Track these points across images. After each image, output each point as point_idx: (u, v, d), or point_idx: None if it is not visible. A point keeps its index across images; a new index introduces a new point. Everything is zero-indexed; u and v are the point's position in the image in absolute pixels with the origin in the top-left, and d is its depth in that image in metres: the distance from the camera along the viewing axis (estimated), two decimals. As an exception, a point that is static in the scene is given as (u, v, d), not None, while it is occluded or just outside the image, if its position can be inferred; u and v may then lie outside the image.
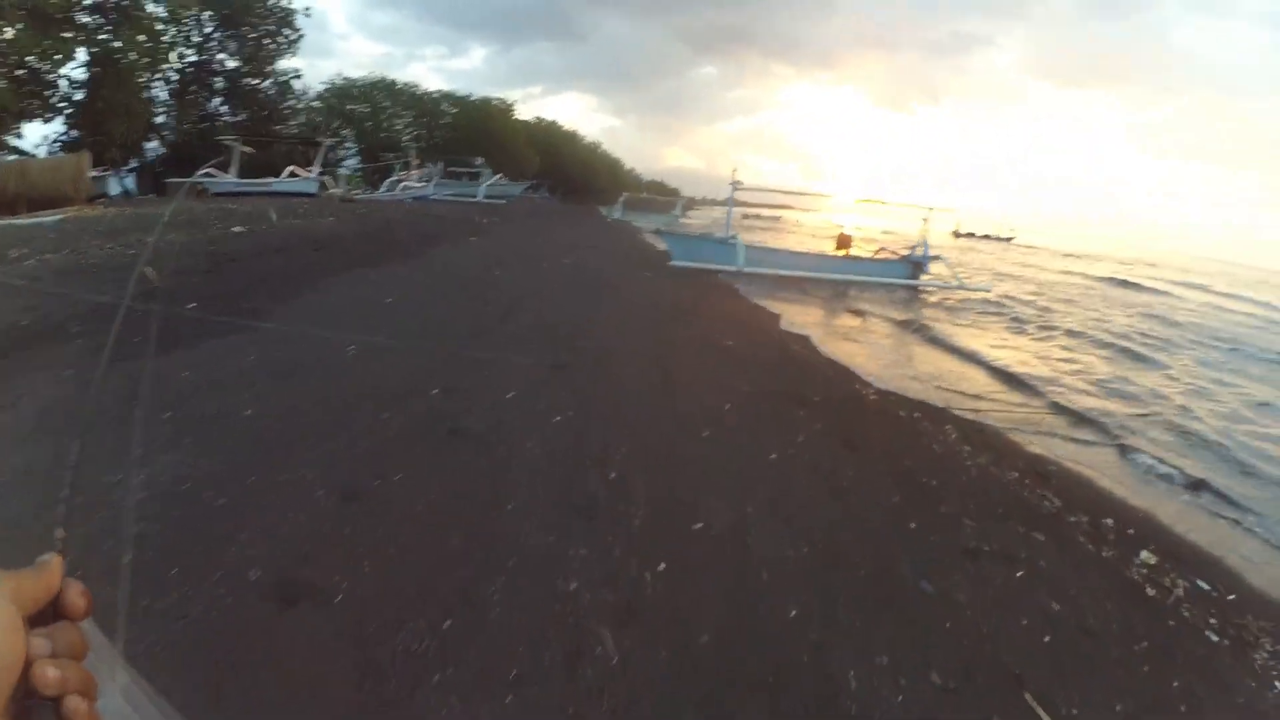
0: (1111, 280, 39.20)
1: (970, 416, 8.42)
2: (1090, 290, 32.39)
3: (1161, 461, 7.76)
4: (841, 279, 21.15)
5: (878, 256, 23.90)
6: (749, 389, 7.73)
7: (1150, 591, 4.49)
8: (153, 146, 35.17)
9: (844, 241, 23.62)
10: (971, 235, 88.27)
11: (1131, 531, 5.47)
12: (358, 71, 47.44)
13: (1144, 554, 5.02)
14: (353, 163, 46.97)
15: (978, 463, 6.45)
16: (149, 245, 12.35)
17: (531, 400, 6.29)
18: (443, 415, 5.65)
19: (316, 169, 31.36)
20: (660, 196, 69.55)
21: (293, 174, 30.52)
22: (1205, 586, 4.73)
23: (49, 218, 17.14)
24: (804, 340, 11.94)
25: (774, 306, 15.43)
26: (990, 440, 7.48)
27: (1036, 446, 7.70)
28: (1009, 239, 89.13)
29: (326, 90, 48.22)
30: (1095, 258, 69.71)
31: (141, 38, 28.94)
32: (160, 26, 31.54)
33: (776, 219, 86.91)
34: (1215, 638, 4.09)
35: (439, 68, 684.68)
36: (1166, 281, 44.52)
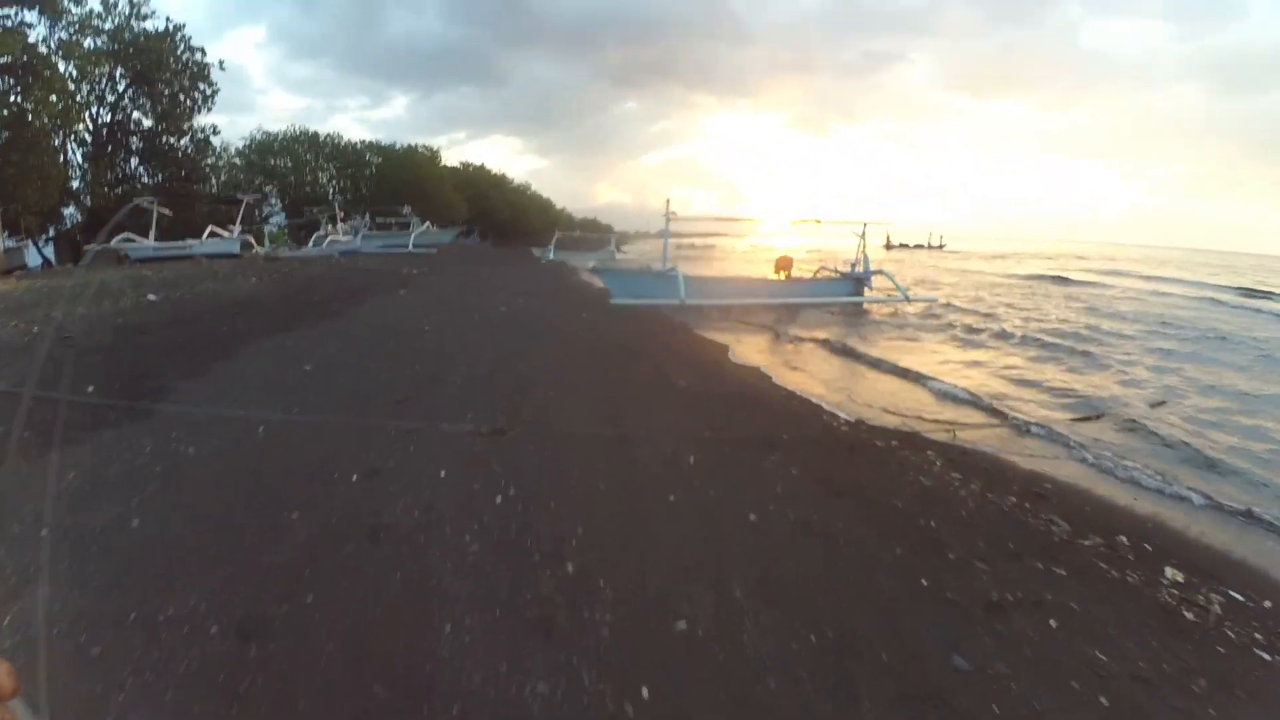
0: (1044, 277, 39.64)
1: (949, 440, 7.80)
2: (1028, 289, 32.57)
3: (1149, 466, 7.25)
4: (786, 303, 20.60)
5: (819, 276, 23.49)
6: (711, 434, 7.00)
7: (1188, 615, 4.01)
8: (70, 213, 33.43)
9: (784, 264, 23.06)
10: (904, 246, 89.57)
11: (1149, 547, 4.97)
12: (278, 125, 46.74)
13: (1169, 571, 4.55)
14: (279, 219, 45.71)
15: (972, 491, 5.83)
16: (53, 321, 11.25)
17: (467, 478, 5.45)
18: (362, 509, 4.79)
19: (238, 228, 30.00)
20: (593, 234, 69.12)
21: (213, 234, 29.25)
22: (1239, 597, 4.29)
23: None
24: (757, 372, 11.28)
25: (721, 338, 14.82)
26: (977, 463, 6.86)
27: (1024, 464, 7.11)
28: (940, 246, 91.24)
29: (246, 146, 47.06)
30: (1023, 256, 71.79)
31: (52, 98, 27.35)
32: (71, 86, 30.13)
33: (710, 247, 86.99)
34: (1268, 656, 3.65)
35: (362, 118, 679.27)
36: (1096, 272, 45.24)
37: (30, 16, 28.08)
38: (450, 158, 63.98)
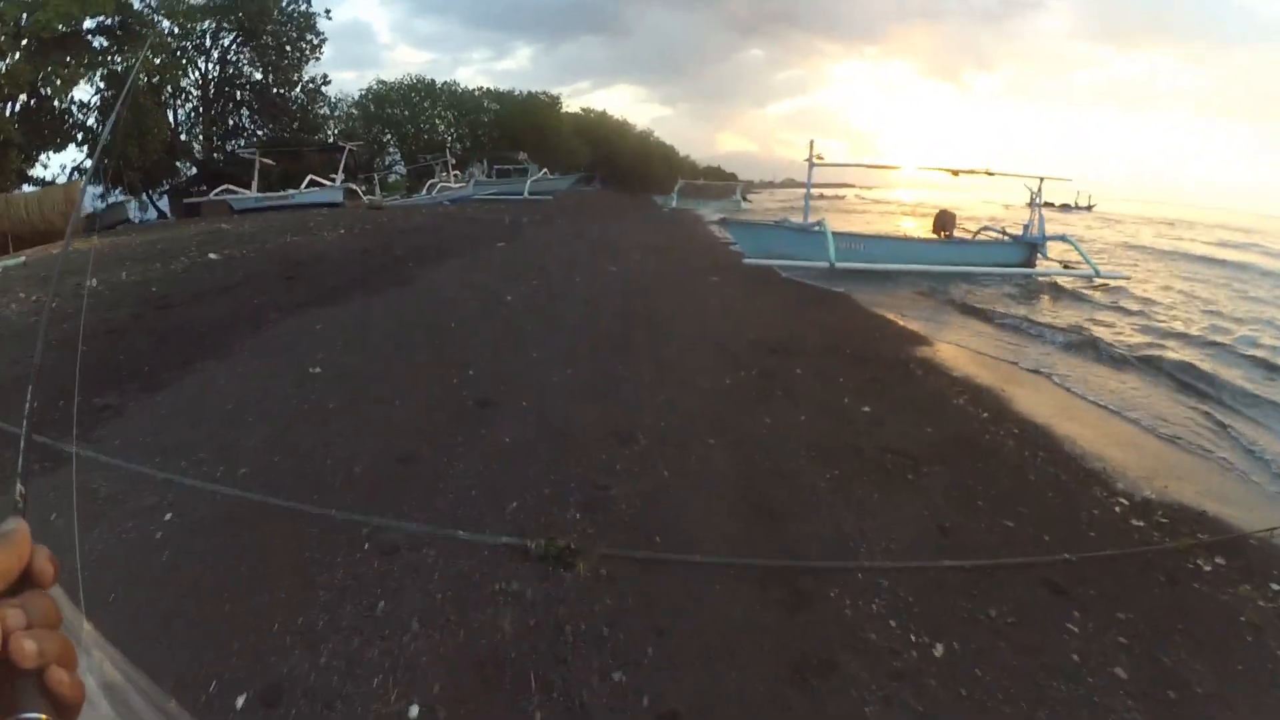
0: (1232, 264, 25.77)
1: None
2: (1230, 279, 21.41)
3: None
4: (951, 270, 16.14)
5: (981, 238, 19.31)
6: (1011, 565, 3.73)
7: None
8: (186, 166, 32.63)
9: (944, 221, 18.47)
10: (1050, 205, 79.15)
11: None
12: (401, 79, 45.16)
13: None
14: (401, 168, 44.25)
15: None
16: (83, 295, 9.24)
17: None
18: None
19: (340, 176, 28.09)
20: (717, 183, 65.44)
21: (313, 183, 27.48)
22: None
23: (11, 260, 14.29)
24: (996, 399, 6.90)
25: (916, 326, 10.58)
26: None
27: None
28: (1089, 208, 78.48)
29: (363, 95, 45.52)
30: (1190, 224, 56.24)
31: (150, 56, 26.13)
32: (171, 42, 29.09)
33: (841, 198, 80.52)
34: None
35: (486, 70, 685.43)
36: None
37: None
38: (573, 106, 60.97)
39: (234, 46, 33.66)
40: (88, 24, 25.19)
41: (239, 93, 34.81)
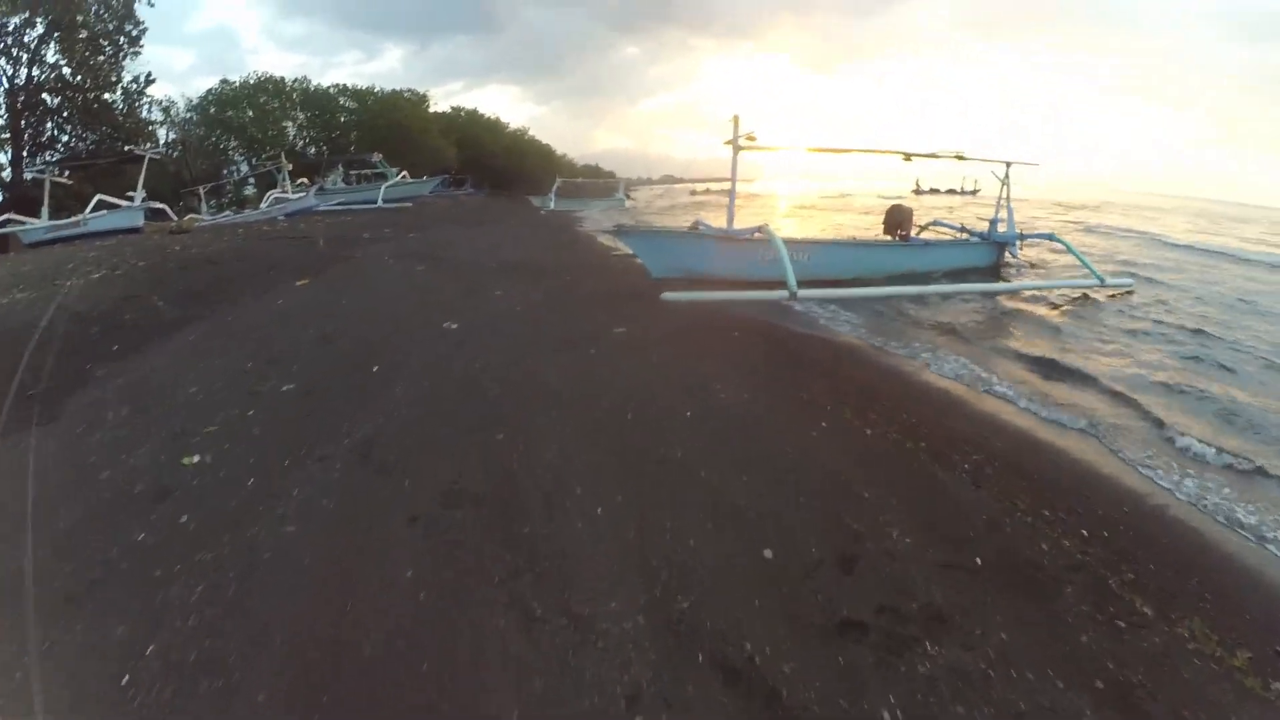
0: (1165, 241, 24.56)
1: None
2: (1182, 261, 19.21)
3: None
4: (924, 291, 11.97)
5: (939, 236, 15.78)
6: None
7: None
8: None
9: (899, 219, 14.46)
10: (935, 191, 76.12)
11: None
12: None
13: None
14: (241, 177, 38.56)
15: None
16: None
17: None
18: None
19: (140, 194, 22.53)
20: (597, 180, 61.46)
21: (102, 205, 22.00)
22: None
23: None
24: None
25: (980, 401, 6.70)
26: None
27: None
28: (973, 193, 74.07)
29: (203, 98, 39.45)
30: (1094, 208, 53.21)
31: None
32: None
33: (727, 191, 76.69)
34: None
35: (357, 73, 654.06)
36: (1210, 236, 28.84)
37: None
38: (444, 106, 56.02)
39: (41, 43, 27.54)
40: None
41: (51, 99, 28.57)
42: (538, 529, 3.93)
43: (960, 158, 14.23)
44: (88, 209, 21.83)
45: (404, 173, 33.20)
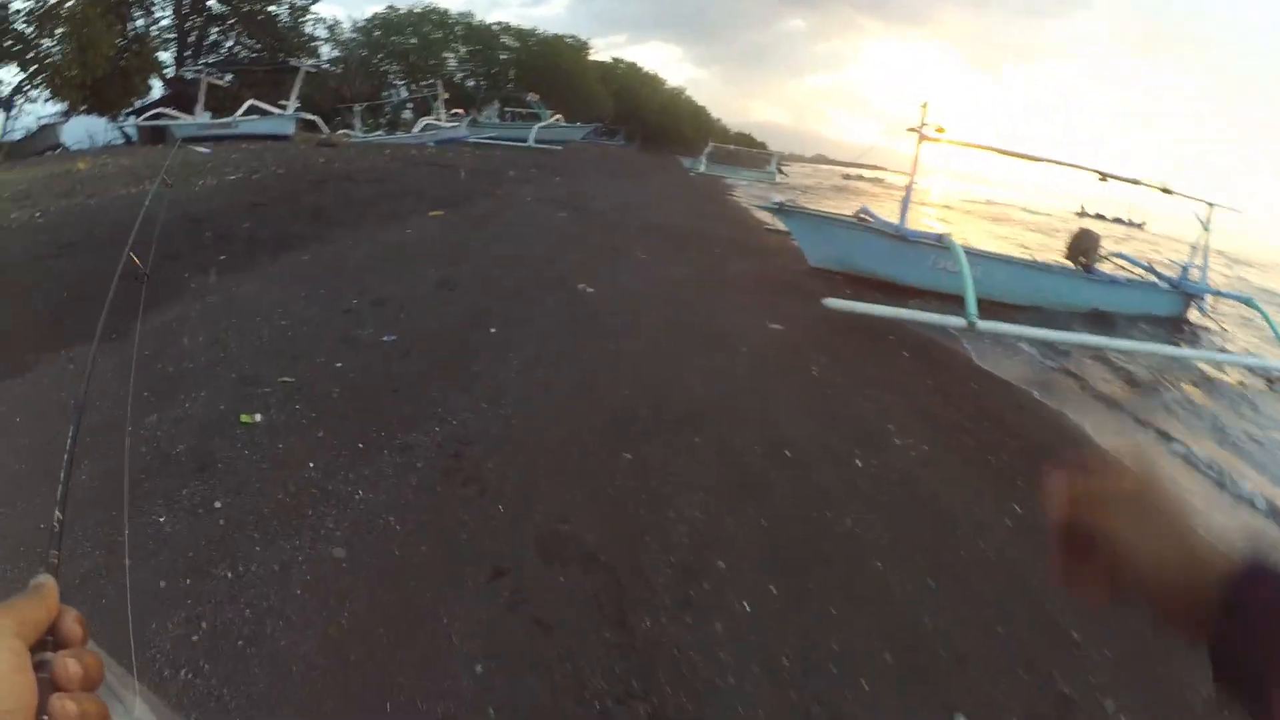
0: None
1: None
2: None
3: None
4: (1113, 347, 9.31)
5: (1121, 271, 13.25)
6: None
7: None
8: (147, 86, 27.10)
9: (1084, 246, 11.92)
10: (1100, 217, 65.27)
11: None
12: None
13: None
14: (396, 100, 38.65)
15: None
16: None
17: None
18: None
19: (293, 103, 22.53)
20: (750, 149, 59.01)
21: (253, 110, 22.00)
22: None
23: None
24: None
25: None
26: None
27: None
28: (1140, 225, 64.23)
29: (368, 22, 39.68)
30: (1263, 268, 41.94)
31: None
32: None
33: (879, 180, 70.96)
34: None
35: (521, 15, 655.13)
36: None
37: None
38: (604, 57, 55.24)
39: None
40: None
41: (215, 4, 29.00)
42: (666, 626, 2.61)
43: (1166, 191, 11.57)
44: (239, 112, 21.88)
45: (558, 116, 32.32)
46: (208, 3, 28.62)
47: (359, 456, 3.49)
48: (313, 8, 31.94)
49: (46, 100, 22.24)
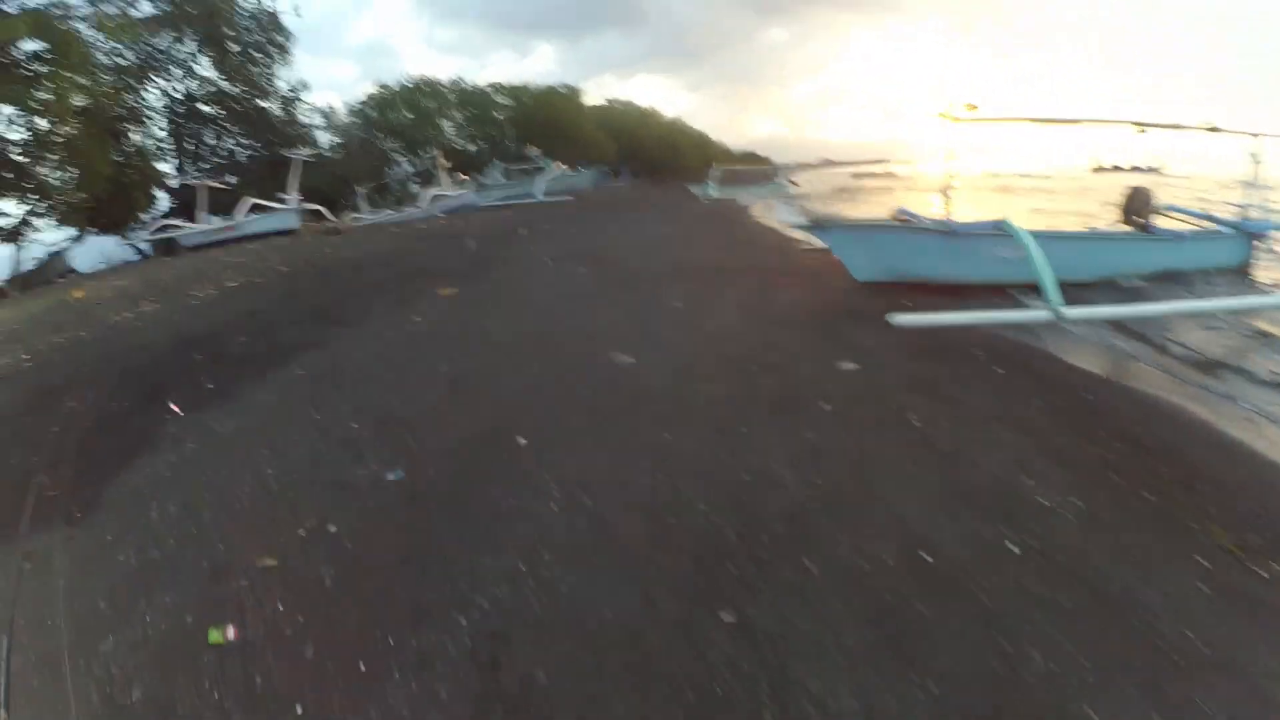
0: None
1: None
2: None
3: None
4: (1199, 308, 8.08)
5: (1184, 224, 11.99)
6: None
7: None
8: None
9: (1139, 204, 10.77)
10: (1117, 169, 64.08)
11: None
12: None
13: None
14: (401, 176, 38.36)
15: None
16: None
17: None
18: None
19: (293, 195, 22.05)
20: (756, 167, 58.07)
21: (256, 208, 21.62)
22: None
23: None
24: None
25: None
26: None
27: None
28: (1154, 169, 60.41)
29: (362, 103, 39.54)
30: None
31: (74, 80, 20.25)
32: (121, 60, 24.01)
33: (889, 175, 68.96)
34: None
35: (511, 72, 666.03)
36: None
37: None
38: (598, 99, 55.05)
39: (195, 58, 27.92)
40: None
41: (208, 109, 28.92)
42: None
43: (1213, 130, 10.41)
44: (239, 212, 21.53)
45: (562, 166, 31.67)
46: (200, 108, 28.48)
47: (361, 686, 2.46)
48: (306, 97, 31.84)
49: (55, 228, 22.03)
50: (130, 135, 25.37)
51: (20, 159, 20.12)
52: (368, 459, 4.23)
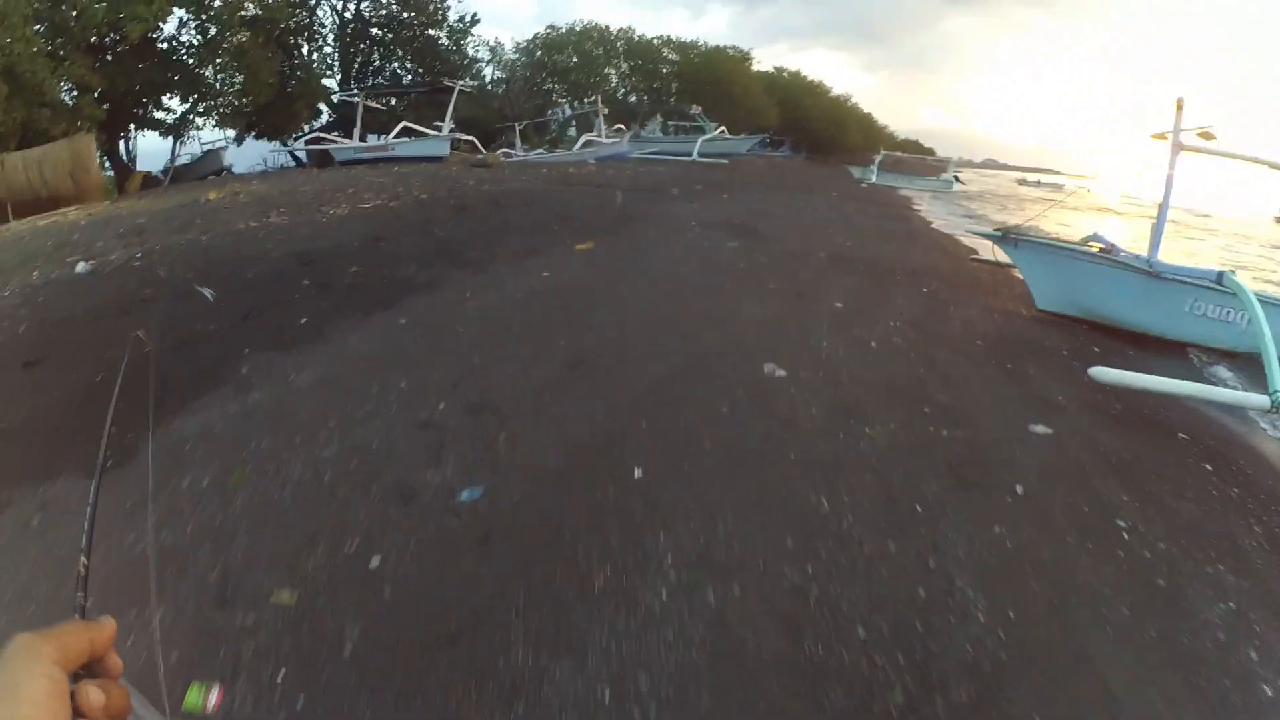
0: None
1: None
2: None
3: None
4: None
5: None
6: None
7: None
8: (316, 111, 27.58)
9: None
10: None
11: None
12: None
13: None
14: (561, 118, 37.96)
15: None
16: None
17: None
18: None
19: (448, 124, 21.77)
20: (923, 156, 54.85)
21: (406, 131, 21.38)
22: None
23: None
24: None
25: None
26: None
27: None
28: None
29: (529, 42, 39.09)
30: None
31: None
32: None
33: (1059, 186, 62.21)
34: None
35: (683, 29, 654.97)
36: None
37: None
38: (767, 66, 53.01)
39: None
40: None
41: (377, 32, 29.05)
42: None
43: None
44: (391, 135, 21.44)
45: (722, 128, 30.33)
46: (370, 30, 28.67)
47: None
48: (474, 31, 31.49)
49: (214, 127, 22.68)
50: (299, 48, 25.76)
51: (188, 60, 20.63)
52: (445, 460, 3.27)
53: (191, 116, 21.48)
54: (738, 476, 3.37)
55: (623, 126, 30.32)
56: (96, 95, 17.69)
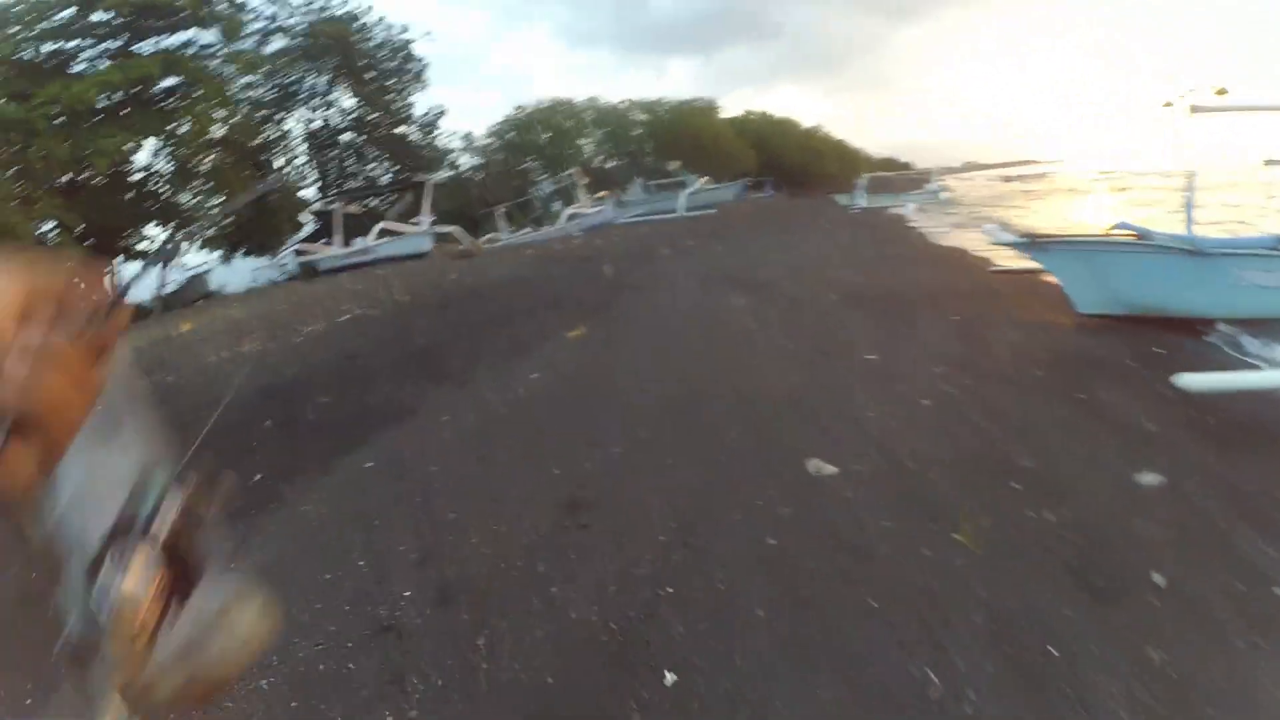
0: None
1: None
2: None
3: None
4: None
5: None
6: None
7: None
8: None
9: None
10: None
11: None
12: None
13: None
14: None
15: None
16: None
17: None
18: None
19: (426, 218, 21.39)
20: (905, 173, 54.59)
21: (385, 232, 21.06)
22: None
23: None
24: None
25: None
26: None
27: None
28: None
29: (500, 125, 39.27)
30: None
31: (209, 109, 20.48)
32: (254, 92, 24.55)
33: (1042, 176, 61.84)
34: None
35: (646, 90, 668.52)
36: None
37: (209, 36, 21.46)
38: (737, 111, 53.42)
39: (330, 89, 28.44)
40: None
41: (347, 136, 29.39)
42: None
43: None
44: (370, 237, 21.12)
45: (705, 178, 30.04)
46: (339, 136, 28.86)
47: None
48: (445, 123, 31.85)
49: (199, 250, 22.61)
50: (271, 163, 25.79)
51: (163, 188, 20.46)
52: (406, 689, 2.35)
53: (174, 244, 21.26)
54: (808, 659, 2.40)
55: (604, 193, 30.05)
56: (76, 233, 17.33)
